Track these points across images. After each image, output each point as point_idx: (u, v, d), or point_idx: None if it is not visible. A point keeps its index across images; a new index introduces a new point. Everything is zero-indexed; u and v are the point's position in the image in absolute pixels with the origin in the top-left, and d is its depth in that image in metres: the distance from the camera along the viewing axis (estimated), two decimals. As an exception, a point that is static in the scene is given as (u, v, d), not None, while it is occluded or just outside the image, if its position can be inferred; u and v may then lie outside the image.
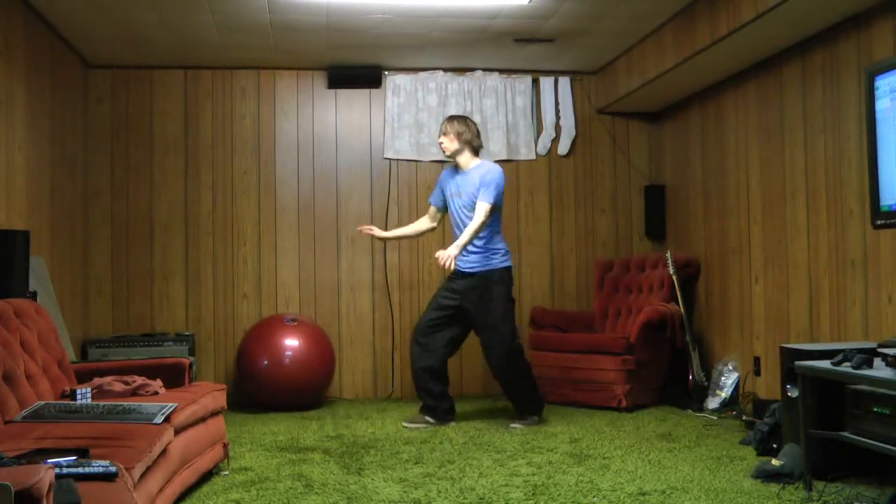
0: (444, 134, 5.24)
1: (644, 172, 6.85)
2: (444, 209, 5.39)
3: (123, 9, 5.06)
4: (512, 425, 5.07)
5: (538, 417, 5.19)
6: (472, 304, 5.13)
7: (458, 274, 5.15)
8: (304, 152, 6.51)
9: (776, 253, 5.19)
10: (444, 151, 5.29)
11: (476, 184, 5.10)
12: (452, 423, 5.17)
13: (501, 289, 5.11)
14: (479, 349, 6.54)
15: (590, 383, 5.73)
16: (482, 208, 5.01)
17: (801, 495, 3.40)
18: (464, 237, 5.00)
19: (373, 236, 5.52)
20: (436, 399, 5.18)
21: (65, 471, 2.30)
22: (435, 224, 5.54)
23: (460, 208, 5.19)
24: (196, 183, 6.39)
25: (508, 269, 5.17)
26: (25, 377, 3.35)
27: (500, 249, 5.15)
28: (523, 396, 5.22)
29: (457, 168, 5.28)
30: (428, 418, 5.15)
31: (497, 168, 5.16)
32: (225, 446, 3.96)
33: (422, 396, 5.22)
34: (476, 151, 5.25)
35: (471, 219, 5.06)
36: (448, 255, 4.89)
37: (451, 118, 5.29)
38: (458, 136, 5.19)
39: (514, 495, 3.45)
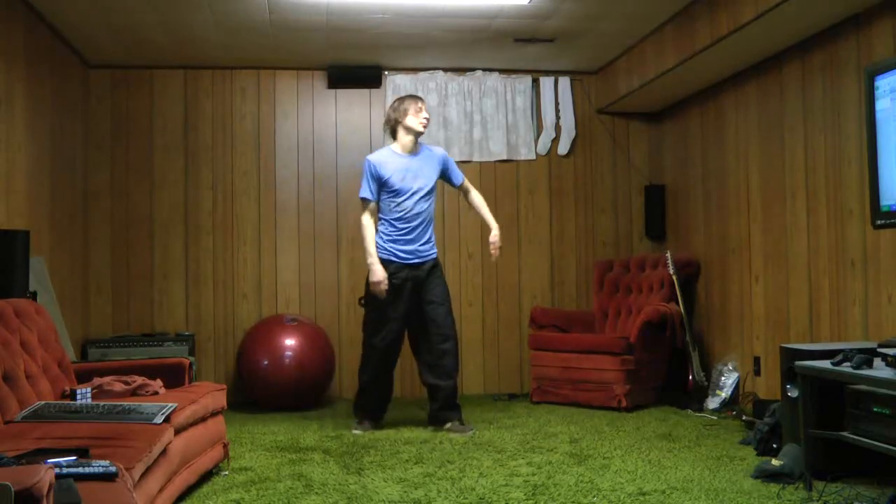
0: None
1: (644, 172, 6.85)
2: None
3: (123, 9, 5.07)
4: (461, 433, 4.80)
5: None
6: (427, 292, 4.93)
7: (408, 267, 4.92)
8: (304, 152, 6.51)
9: (776, 253, 5.19)
10: (422, 131, 5.00)
11: (436, 166, 5.02)
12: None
13: (443, 273, 5.10)
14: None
15: (590, 383, 5.73)
16: (474, 189, 5.18)
17: (801, 495, 3.40)
18: (492, 219, 5.08)
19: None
20: (381, 414, 5.14)
21: (65, 471, 2.30)
22: None
23: (417, 193, 4.93)
24: (196, 183, 6.39)
25: None
26: (25, 377, 3.35)
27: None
28: (457, 392, 5.05)
29: (402, 151, 4.99)
30: (370, 424, 5.04)
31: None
32: (225, 446, 3.96)
33: (372, 414, 5.07)
34: None
35: (426, 208, 4.95)
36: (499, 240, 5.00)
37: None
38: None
39: (514, 495, 3.45)
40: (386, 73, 6.53)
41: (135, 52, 5.98)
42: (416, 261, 4.93)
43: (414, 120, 4.96)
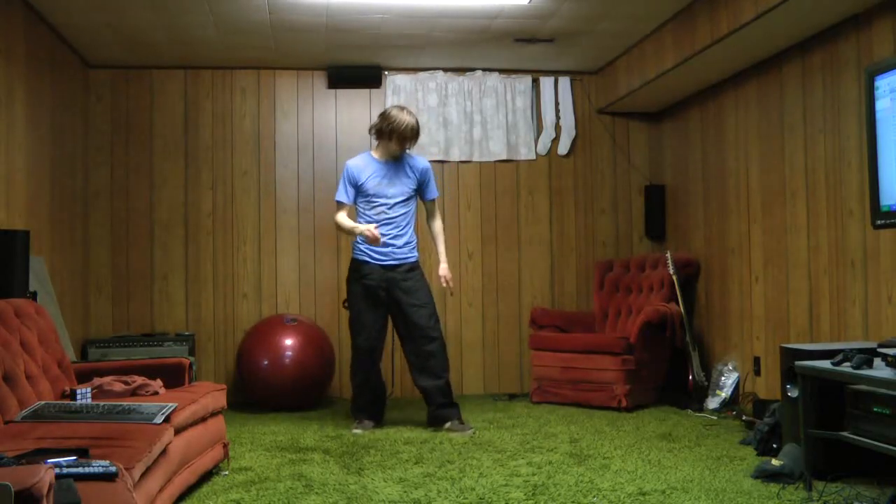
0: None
1: (644, 172, 6.85)
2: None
3: (123, 9, 5.07)
4: (461, 433, 4.82)
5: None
6: (406, 295, 4.97)
7: (383, 268, 4.96)
8: (304, 152, 6.51)
9: (776, 253, 5.19)
10: (396, 156, 5.06)
11: (415, 175, 5.07)
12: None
13: (424, 276, 5.14)
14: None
15: (590, 383, 5.73)
16: (439, 217, 5.27)
17: (801, 495, 3.40)
18: (444, 254, 5.23)
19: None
20: (380, 413, 5.16)
21: (65, 471, 2.30)
22: None
23: (391, 199, 5.02)
24: (196, 183, 6.39)
25: None
26: (25, 377, 3.35)
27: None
28: (451, 390, 5.06)
29: (379, 157, 5.08)
30: (371, 423, 5.06)
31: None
32: (225, 446, 3.96)
33: (370, 413, 5.09)
34: None
35: (402, 213, 4.98)
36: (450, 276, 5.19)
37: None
38: None
39: (514, 495, 3.45)
40: (386, 73, 6.52)
41: (135, 52, 5.98)
42: (391, 262, 4.99)
43: (392, 147, 5.03)
